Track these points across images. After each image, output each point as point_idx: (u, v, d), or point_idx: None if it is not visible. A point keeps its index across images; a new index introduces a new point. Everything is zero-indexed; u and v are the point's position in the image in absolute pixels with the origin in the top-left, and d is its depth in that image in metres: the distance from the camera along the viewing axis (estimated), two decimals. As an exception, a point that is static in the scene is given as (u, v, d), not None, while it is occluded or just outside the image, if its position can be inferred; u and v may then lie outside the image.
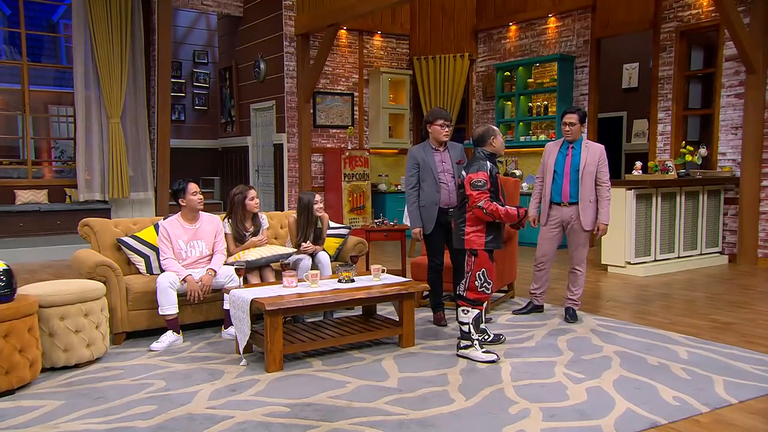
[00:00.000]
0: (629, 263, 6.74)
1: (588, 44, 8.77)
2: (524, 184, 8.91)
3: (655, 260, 6.91)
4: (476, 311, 3.82)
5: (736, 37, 6.83)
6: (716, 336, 4.32)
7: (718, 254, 7.49)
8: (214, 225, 4.57)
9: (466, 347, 3.82)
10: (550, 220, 4.75)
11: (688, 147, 7.33)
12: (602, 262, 6.97)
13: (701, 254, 7.33)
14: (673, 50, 7.87)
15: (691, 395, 3.22)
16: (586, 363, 3.75)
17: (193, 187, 4.43)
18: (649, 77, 8.59)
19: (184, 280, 4.22)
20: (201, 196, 4.47)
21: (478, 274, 3.80)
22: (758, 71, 6.95)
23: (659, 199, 6.91)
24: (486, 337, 4.06)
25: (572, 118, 4.62)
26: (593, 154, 4.61)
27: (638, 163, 7.18)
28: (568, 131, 4.64)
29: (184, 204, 4.44)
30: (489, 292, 3.86)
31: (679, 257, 7.12)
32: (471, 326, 3.80)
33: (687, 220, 7.19)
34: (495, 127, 3.94)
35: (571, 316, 4.69)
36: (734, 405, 3.13)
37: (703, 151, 7.36)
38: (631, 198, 6.66)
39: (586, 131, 8.78)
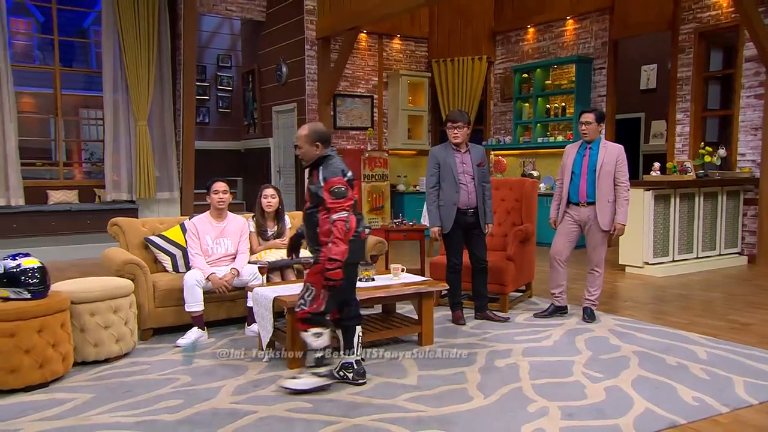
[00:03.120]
0: (647, 263, 6.65)
1: (606, 46, 8.67)
2: (542, 185, 8.84)
3: (674, 261, 6.81)
4: None
5: (756, 37, 6.70)
6: (735, 337, 4.24)
7: (737, 255, 7.35)
8: (240, 225, 4.61)
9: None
10: (567, 219, 4.67)
11: (707, 148, 7.21)
12: (620, 263, 6.88)
13: (720, 255, 7.21)
14: (692, 51, 7.75)
15: (710, 395, 3.17)
16: (605, 362, 3.70)
17: (216, 186, 4.47)
18: (667, 78, 8.46)
19: (208, 278, 4.27)
20: (222, 197, 4.46)
21: None
22: (778, 72, 6.82)
23: (678, 199, 6.81)
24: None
25: (588, 117, 4.57)
26: (611, 154, 4.55)
27: (656, 164, 7.08)
28: (585, 131, 4.59)
29: (208, 200, 4.52)
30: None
31: (697, 258, 7.01)
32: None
33: (706, 220, 7.07)
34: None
35: (588, 316, 4.64)
36: (754, 406, 3.07)
37: (722, 151, 7.23)
38: (650, 199, 6.57)
39: (604, 131, 8.70)
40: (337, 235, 3.12)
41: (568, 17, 9.09)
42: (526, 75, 9.58)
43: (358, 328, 3.45)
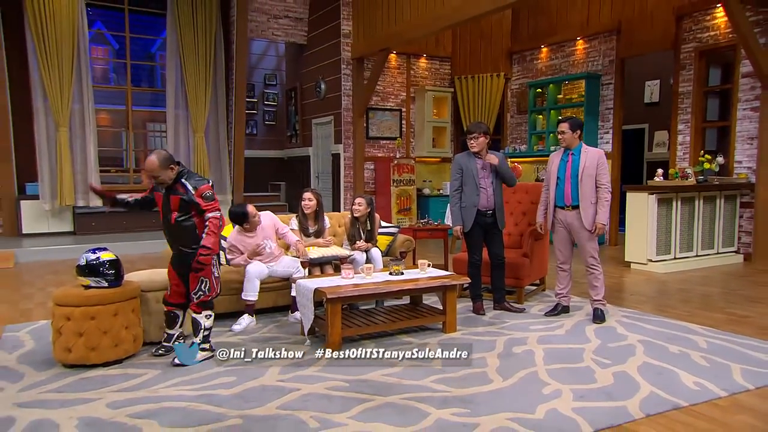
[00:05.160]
0: (651, 261, 6.50)
1: (613, 63, 8.51)
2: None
3: (675, 258, 6.65)
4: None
5: (752, 55, 6.50)
6: (733, 328, 4.13)
7: (733, 253, 7.14)
8: (270, 220, 4.54)
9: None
10: (557, 224, 4.48)
11: (707, 155, 7.02)
12: (626, 260, 6.75)
13: (718, 253, 7.01)
14: (693, 68, 7.55)
15: (710, 381, 3.10)
16: (613, 350, 3.64)
17: (251, 209, 4.37)
18: (669, 93, 8.26)
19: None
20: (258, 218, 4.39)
21: None
22: (774, 86, 6.59)
23: (679, 202, 6.65)
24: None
25: (563, 126, 4.37)
26: (592, 158, 4.32)
27: (660, 170, 6.92)
28: (561, 139, 4.42)
29: (248, 227, 4.37)
30: None
31: (697, 256, 6.83)
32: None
33: (705, 221, 6.89)
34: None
35: (598, 318, 4.35)
36: (751, 391, 2.99)
37: (720, 159, 7.02)
38: (653, 202, 6.43)
39: (616, 140, 8.55)
40: (212, 229, 3.39)
41: (578, 38, 8.95)
42: (540, 90, 9.47)
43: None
